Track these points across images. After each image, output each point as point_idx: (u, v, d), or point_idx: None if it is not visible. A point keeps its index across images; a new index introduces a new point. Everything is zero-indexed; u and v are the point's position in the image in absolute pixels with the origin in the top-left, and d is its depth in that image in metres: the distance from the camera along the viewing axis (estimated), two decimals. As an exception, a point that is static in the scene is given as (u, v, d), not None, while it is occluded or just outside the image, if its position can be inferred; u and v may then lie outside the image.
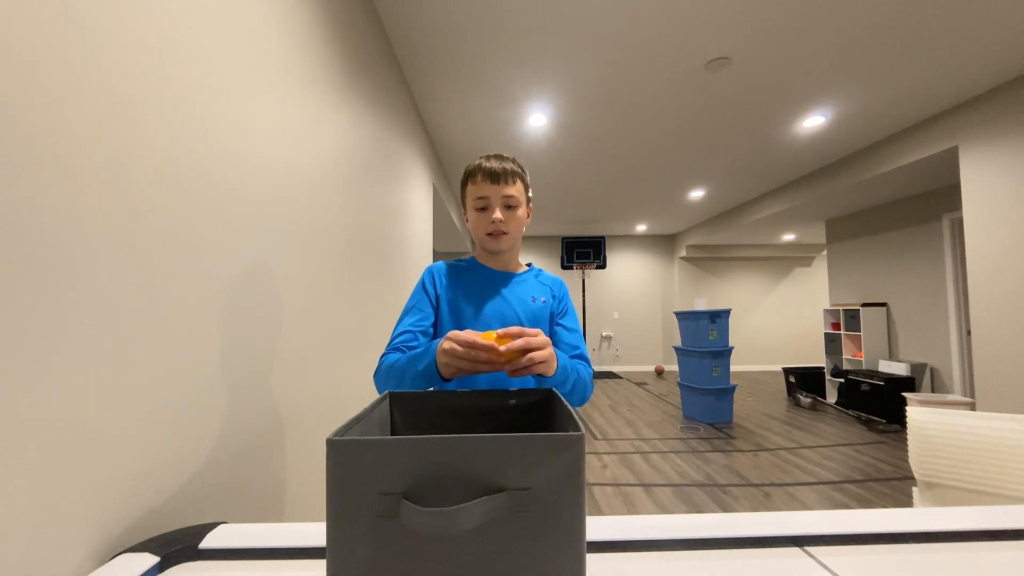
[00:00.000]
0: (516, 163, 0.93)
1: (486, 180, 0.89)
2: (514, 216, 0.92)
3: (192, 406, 0.76)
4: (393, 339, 0.89)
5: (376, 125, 1.96)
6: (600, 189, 5.07)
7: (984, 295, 2.86)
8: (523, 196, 0.93)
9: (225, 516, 0.82)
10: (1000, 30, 2.19)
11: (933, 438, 1.28)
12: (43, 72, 0.53)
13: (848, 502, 2.55)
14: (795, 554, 0.57)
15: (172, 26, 0.74)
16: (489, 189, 0.89)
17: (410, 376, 0.76)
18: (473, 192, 0.91)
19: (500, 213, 0.90)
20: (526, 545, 0.39)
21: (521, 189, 0.92)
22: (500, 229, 0.90)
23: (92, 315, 0.58)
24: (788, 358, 7.84)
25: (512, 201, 0.90)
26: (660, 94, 2.84)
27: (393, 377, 0.80)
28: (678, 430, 4.06)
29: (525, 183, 0.94)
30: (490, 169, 0.89)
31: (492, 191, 0.89)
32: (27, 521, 0.49)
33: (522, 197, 0.93)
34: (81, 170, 0.57)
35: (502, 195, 0.89)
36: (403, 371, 0.78)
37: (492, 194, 0.89)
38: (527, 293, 0.95)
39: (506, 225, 0.91)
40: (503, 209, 0.90)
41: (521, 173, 0.93)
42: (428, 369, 0.73)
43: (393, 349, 0.87)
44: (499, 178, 0.89)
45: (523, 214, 0.94)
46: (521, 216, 0.93)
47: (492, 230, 0.90)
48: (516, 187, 0.91)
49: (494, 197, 0.90)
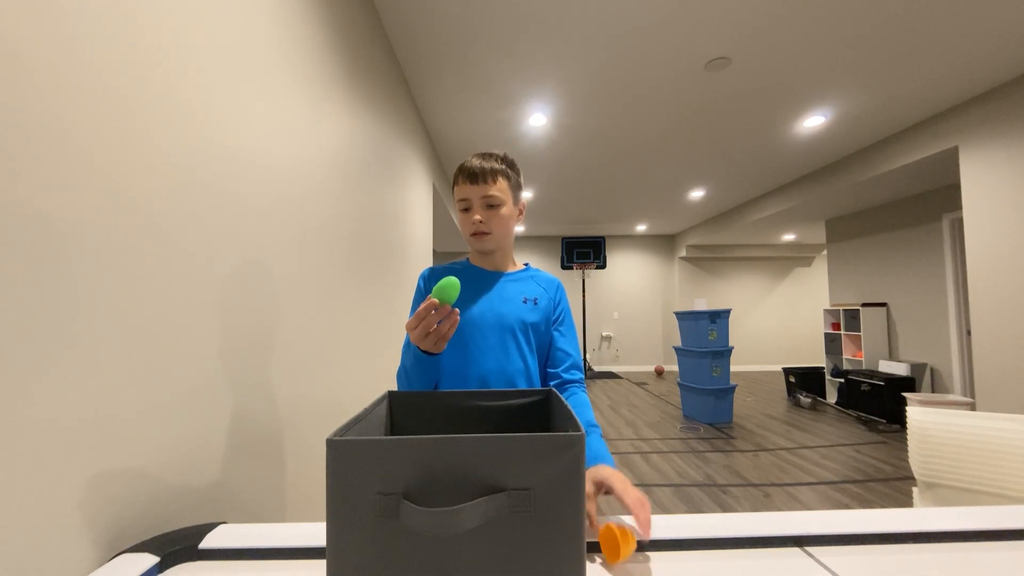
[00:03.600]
0: (502, 160, 0.91)
1: (466, 180, 0.88)
2: (496, 215, 0.90)
3: (192, 406, 0.76)
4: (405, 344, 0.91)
5: (376, 125, 1.96)
6: (600, 189, 5.07)
7: (984, 295, 2.86)
8: (508, 194, 0.91)
9: (225, 516, 0.82)
10: (1000, 30, 2.19)
11: (933, 438, 1.28)
12: (43, 71, 0.53)
13: (848, 502, 2.55)
14: (795, 554, 0.57)
15: (172, 26, 0.74)
16: (469, 190, 0.88)
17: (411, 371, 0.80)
18: (457, 193, 0.91)
19: (480, 214, 0.89)
20: (526, 545, 0.39)
21: (505, 187, 0.90)
22: (481, 229, 0.89)
23: (92, 315, 0.58)
24: (788, 358, 7.84)
25: (493, 200, 0.89)
26: (660, 94, 2.84)
27: (403, 381, 0.84)
28: (678, 430, 4.05)
29: (511, 180, 0.92)
30: (470, 169, 0.88)
31: (472, 191, 0.88)
32: (27, 521, 0.49)
33: (506, 195, 0.90)
34: (82, 169, 0.57)
35: (481, 195, 0.88)
36: (406, 371, 0.82)
37: (472, 195, 0.88)
38: (519, 293, 0.94)
39: (487, 225, 0.89)
40: (483, 209, 0.89)
41: (504, 170, 0.90)
42: (417, 357, 0.76)
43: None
44: (478, 178, 0.88)
45: (508, 212, 0.91)
46: (506, 215, 0.91)
47: (474, 231, 0.90)
48: (498, 186, 0.89)
49: (474, 198, 0.88)
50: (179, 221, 0.74)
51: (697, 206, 5.90)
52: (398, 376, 0.86)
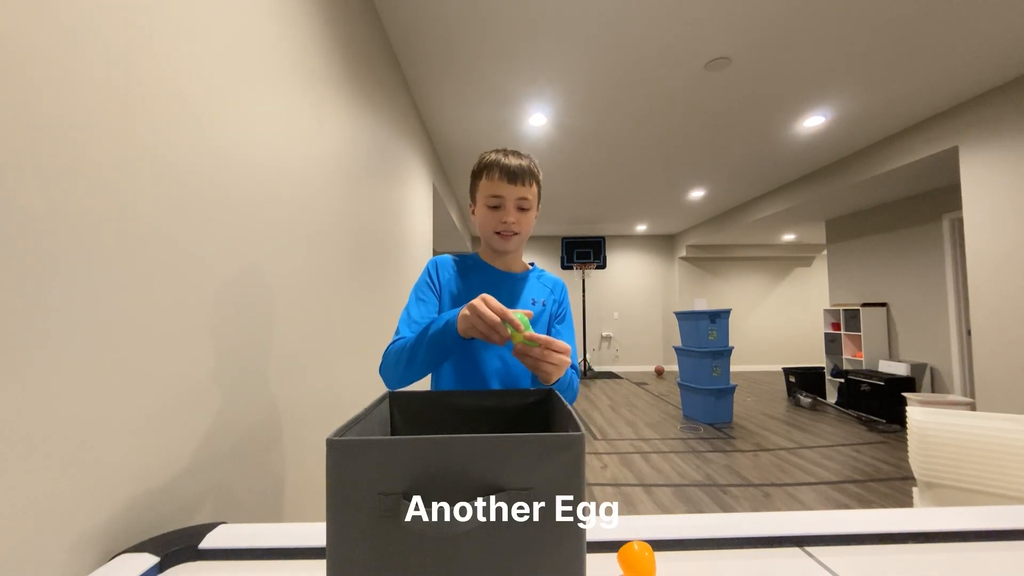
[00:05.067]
0: (533, 163, 0.90)
1: (503, 178, 0.85)
2: (526, 218, 0.89)
3: (192, 406, 0.76)
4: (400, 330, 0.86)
5: (376, 125, 1.96)
6: (600, 189, 5.07)
7: (984, 295, 2.86)
8: (536, 199, 0.90)
9: (225, 516, 0.82)
10: (1000, 30, 2.19)
11: (933, 438, 1.28)
12: (42, 71, 0.53)
13: (848, 502, 2.55)
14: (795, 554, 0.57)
15: (172, 26, 0.74)
16: (506, 188, 0.85)
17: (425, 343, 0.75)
18: (488, 188, 0.87)
19: (513, 215, 0.87)
20: (526, 545, 0.39)
21: (535, 192, 0.89)
22: (511, 230, 0.88)
23: (91, 314, 0.58)
24: (788, 358, 7.83)
25: (526, 204, 0.87)
26: (660, 94, 2.84)
27: (404, 356, 0.78)
28: (678, 430, 4.05)
29: (539, 186, 0.91)
30: (508, 167, 0.85)
31: (508, 191, 0.86)
32: (27, 521, 0.49)
33: (535, 200, 0.90)
34: (79, 170, 0.57)
35: (517, 196, 0.86)
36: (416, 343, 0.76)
37: (508, 194, 0.86)
38: (528, 295, 0.94)
39: (518, 226, 0.88)
40: (516, 211, 0.88)
41: (537, 175, 0.90)
42: (447, 327, 0.72)
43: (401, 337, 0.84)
44: (517, 178, 0.85)
45: (533, 216, 0.92)
46: (532, 219, 0.91)
47: (502, 230, 0.88)
48: (532, 189, 0.88)
49: (509, 197, 0.86)
50: (178, 221, 0.74)
51: (697, 206, 5.90)
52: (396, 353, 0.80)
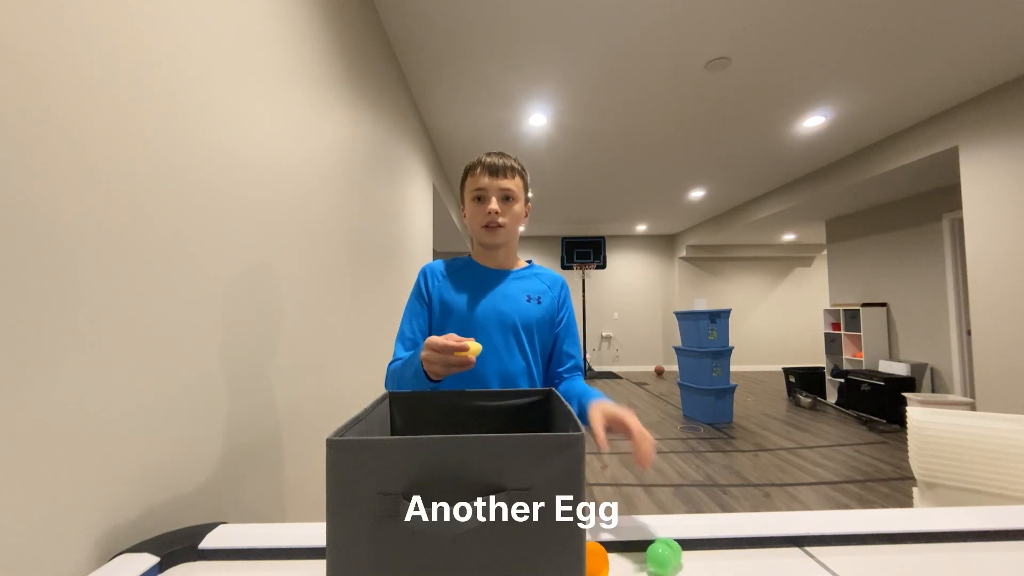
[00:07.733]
0: (517, 161, 0.94)
1: (485, 172, 0.90)
2: (510, 209, 0.91)
3: (192, 406, 0.76)
4: (396, 348, 0.92)
5: (376, 125, 1.96)
6: (600, 189, 5.07)
7: (984, 295, 2.85)
8: (521, 192, 0.93)
9: (225, 516, 0.82)
10: (1000, 30, 2.19)
11: (933, 438, 1.27)
12: (42, 71, 0.53)
13: (848, 502, 2.55)
14: (795, 554, 0.57)
15: (173, 27, 0.74)
16: (487, 181, 0.89)
17: (408, 381, 0.79)
18: (471, 184, 0.91)
19: (496, 204, 0.89)
20: (526, 545, 0.39)
21: (520, 185, 0.92)
22: (496, 221, 0.89)
23: (92, 315, 0.58)
24: (788, 358, 7.82)
25: (509, 194, 0.90)
26: (660, 94, 2.84)
27: (394, 384, 0.85)
28: (678, 430, 4.05)
29: (524, 181, 0.94)
30: (490, 163, 0.90)
31: (490, 182, 0.89)
32: (27, 521, 0.49)
33: (520, 193, 0.92)
34: (81, 169, 0.57)
35: (499, 187, 0.90)
36: (402, 376, 0.82)
37: (489, 185, 0.89)
38: (522, 292, 0.94)
39: (502, 217, 0.90)
40: (500, 201, 0.90)
41: (520, 171, 0.93)
42: (417, 374, 0.75)
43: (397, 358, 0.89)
44: (498, 171, 0.89)
45: (520, 210, 0.93)
46: (518, 211, 0.93)
47: (488, 221, 0.90)
48: (515, 182, 0.91)
49: (491, 188, 0.89)
50: (179, 221, 0.74)
51: (697, 206, 5.90)
52: (391, 378, 0.86)
